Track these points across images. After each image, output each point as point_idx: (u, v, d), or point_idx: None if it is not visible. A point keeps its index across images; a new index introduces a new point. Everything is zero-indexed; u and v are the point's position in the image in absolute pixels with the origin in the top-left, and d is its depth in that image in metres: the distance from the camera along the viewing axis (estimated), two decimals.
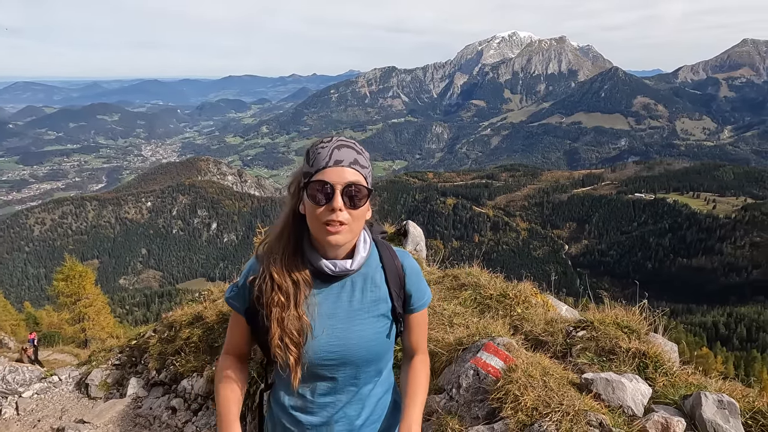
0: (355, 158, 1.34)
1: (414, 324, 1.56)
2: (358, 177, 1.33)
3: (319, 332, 1.41)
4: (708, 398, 2.10)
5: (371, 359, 1.46)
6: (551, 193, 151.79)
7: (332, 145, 1.34)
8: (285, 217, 1.46)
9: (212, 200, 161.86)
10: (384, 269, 1.49)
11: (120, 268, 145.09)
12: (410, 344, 1.58)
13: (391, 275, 1.49)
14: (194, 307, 6.92)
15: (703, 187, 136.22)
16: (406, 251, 1.57)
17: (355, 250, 1.43)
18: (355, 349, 1.43)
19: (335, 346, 1.42)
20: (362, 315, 1.45)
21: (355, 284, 1.46)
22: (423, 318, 1.58)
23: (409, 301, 1.52)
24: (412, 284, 1.52)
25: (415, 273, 1.53)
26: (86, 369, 7.49)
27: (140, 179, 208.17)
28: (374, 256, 1.51)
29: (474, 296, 3.82)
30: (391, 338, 1.51)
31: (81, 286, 19.75)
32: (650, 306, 3.20)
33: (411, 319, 1.55)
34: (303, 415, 1.48)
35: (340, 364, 1.44)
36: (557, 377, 2.36)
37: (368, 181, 1.37)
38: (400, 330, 1.55)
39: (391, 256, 1.52)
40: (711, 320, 60.36)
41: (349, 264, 1.41)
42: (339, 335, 1.42)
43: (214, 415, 5.05)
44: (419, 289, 1.53)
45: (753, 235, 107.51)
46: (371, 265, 1.49)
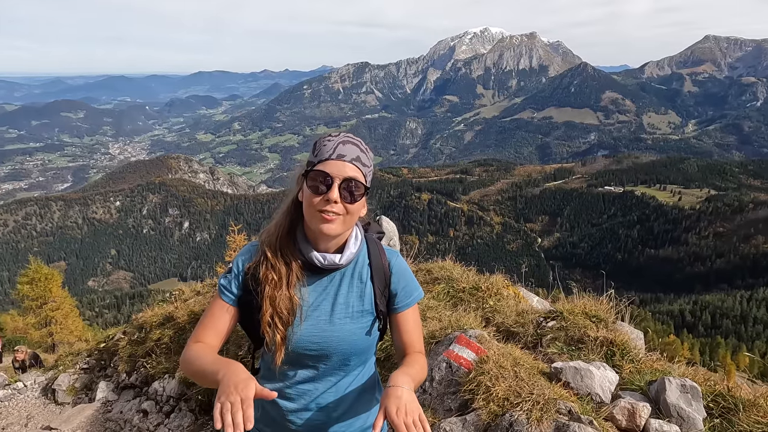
0: (358, 155, 1.37)
1: (402, 323, 1.55)
2: (358, 173, 1.37)
3: (304, 325, 1.45)
4: (672, 383, 2.16)
5: (352, 353, 1.49)
6: (524, 187, 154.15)
7: (338, 139, 1.38)
8: (286, 204, 1.50)
9: (184, 199, 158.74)
10: (371, 266, 1.52)
11: (88, 270, 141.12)
12: (402, 344, 1.56)
13: (377, 273, 1.51)
14: (165, 308, 6.79)
15: (669, 180, 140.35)
16: (396, 251, 1.60)
17: (346, 245, 1.46)
18: (336, 342, 1.46)
19: (317, 338, 1.46)
20: (346, 310, 1.48)
21: (343, 279, 1.49)
22: (412, 317, 1.57)
23: (394, 300, 1.54)
24: (397, 283, 1.54)
25: (401, 272, 1.55)
26: (53, 374, 7.27)
27: (108, 178, 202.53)
28: (363, 253, 1.53)
29: (447, 290, 3.84)
30: (373, 335, 1.53)
31: (47, 289, 19.12)
32: (617, 295, 3.28)
33: (399, 318, 1.55)
34: (282, 401, 1.53)
35: (320, 356, 1.47)
36: (528, 367, 2.39)
37: (368, 179, 1.41)
38: (380, 327, 1.55)
39: (379, 254, 1.54)
40: (678, 308, 62.42)
41: (338, 258, 1.44)
42: (322, 327, 1.46)
43: (187, 417, 4.97)
44: (405, 288, 1.55)
45: (716, 225, 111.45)
46: (359, 262, 1.52)
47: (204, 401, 4.84)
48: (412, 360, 1.51)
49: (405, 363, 1.49)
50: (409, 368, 1.44)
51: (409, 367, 1.46)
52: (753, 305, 59.93)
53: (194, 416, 4.96)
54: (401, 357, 1.56)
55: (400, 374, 1.38)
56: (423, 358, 1.55)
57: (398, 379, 1.36)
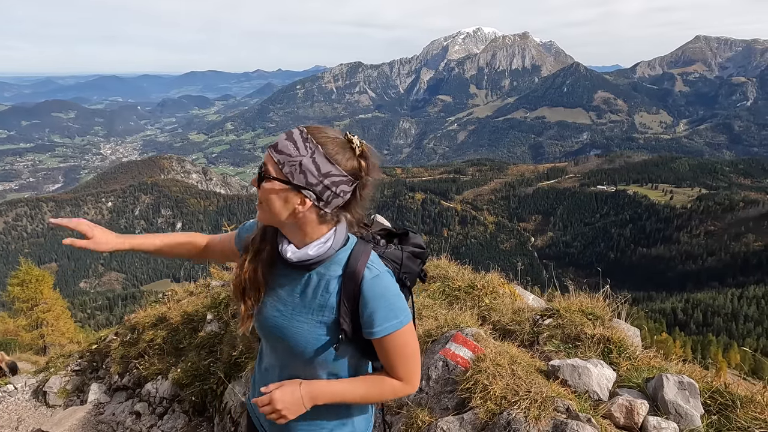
0: (276, 142, 1.34)
1: (378, 349, 1.42)
2: (269, 160, 1.34)
3: (268, 311, 1.46)
4: (669, 380, 2.16)
5: (308, 361, 1.44)
6: (517, 186, 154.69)
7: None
8: None
9: (176, 199, 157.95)
10: (343, 278, 1.39)
11: (80, 271, 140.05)
12: (383, 365, 1.46)
13: (347, 288, 1.38)
14: (158, 309, 6.73)
15: (661, 179, 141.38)
16: (382, 272, 1.40)
17: (309, 244, 1.40)
18: (291, 341, 1.43)
19: (274, 329, 1.46)
20: (306, 314, 1.41)
21: (310, 282, 1.43)
22: (388, 347, 1.40)
23: (362, 323, 1.39)
24: (365, 306, 1.37)
25: (373, 296, 1.36)
26: (44, 376, 7.19)
27: (100, 179, 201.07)
28: (339, 261, 1.41)
29: (442, 288, 3.83)
30: (334, 350, 1.42)
31: (38, 291, 18.96)
32: (613, 293, 3.28)
33: (374, 343, 1.41)
34: (258, 369, 1.60)
35: (278, 345, 1.49)
36: (525, 365, 2.38)
37: (284, 168, 1.31)
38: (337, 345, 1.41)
39: (356, 271, 1.38)
40: (670, 306, 62.84)
41: (289, 253, 1.40)
42: (281, 322, 1.44)
43: (180, 418, 4.93)
44: (372, 315, 1.36)
45: (707, 224, 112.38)
46: (331, 270, 1.41)
47: (198, 402, 4.80)
48: (371, 378, 1.46)
49: (355, 378, 1.46)
50: (341, 385, 1.41)
51: (346, 383, 1.42)
52: (744, 303, 60.49)
53: (188, 417, 4.91)
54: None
55: (319, 384, 1.38)
56: (389, 382, 1.44)
57: (311, 384, 1.37)
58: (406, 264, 1.51)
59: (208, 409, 4.73)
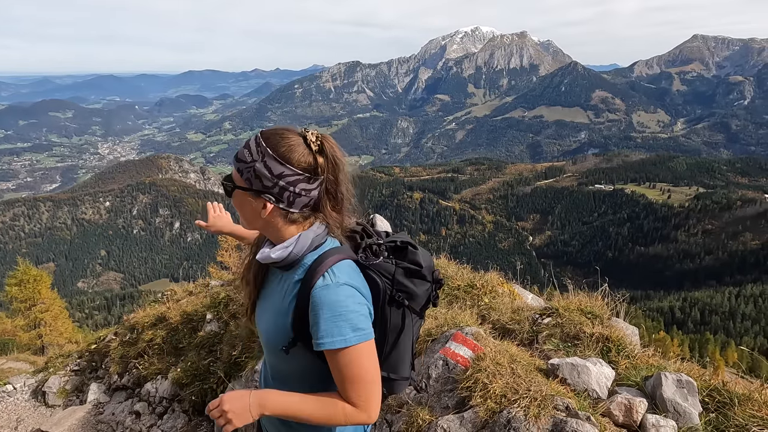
0: (236, 153, 1.37)
1: (329, 363, 1.33)
2: (233, 171, 1.40)
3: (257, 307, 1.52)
4: (668, 378, 2.17)
5: (274, 363, 1.47)
6: (515, 185, 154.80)
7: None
8: None
9: (174, 199, 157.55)
10: (300, 284, 1.35)
11: (78, 271, 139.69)
12: (337, 387, 1.36)
13: (301, 295, 1.34)
14: (157, 308, 6.74)
15: (659, 178, 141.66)
16: (337, 283, 1.31)
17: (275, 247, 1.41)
18: (263, 339, 1.46)
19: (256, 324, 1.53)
20: (273, 315, 1.42)
21: (280, 283, 1.43)
22: (335, 362, 1.31)
23: (312, 334, 1.32)
24: (311, 318, 1.31)
25: (319, 306, 1.29)
26: (43, 376, 7.19)
27: (97, 178, 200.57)
28: (303, 267, 1.38)
29: (442, 287, 3.84)
30: (292, 356, 1.38)
31: (36, 291, 18.92)
32: (611, 292, 3.30)
33: (325, 355, 1.33)
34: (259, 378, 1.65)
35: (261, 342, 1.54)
36: (525, 364, 2.40)
37: (243, 175, 1.35)
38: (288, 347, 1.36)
39: (311, 278, 1.33)
40: (667, 305, 62.95)
41: (259, 254, 1.43)
42: (259, 317, 1.49)
43: (180, 418, 4.93)
44: (315, 324, 1.29)
45: (705, 222, 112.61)
46: (295, 275, 1.38)
47: (197, 402, 4.81)
48: (325, 397, 1.35)
49: (309, 395, 1.35)
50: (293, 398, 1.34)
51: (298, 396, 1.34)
52: (741, 301, 60.64)
53: (188, 417, 4.92)
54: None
55: (270, 393, 1.33)
56: (339, 406, 1.33)
57: (263, 393, 1.32)
58: (399, 281, 1.41)
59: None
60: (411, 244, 1.46)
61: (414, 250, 1.45)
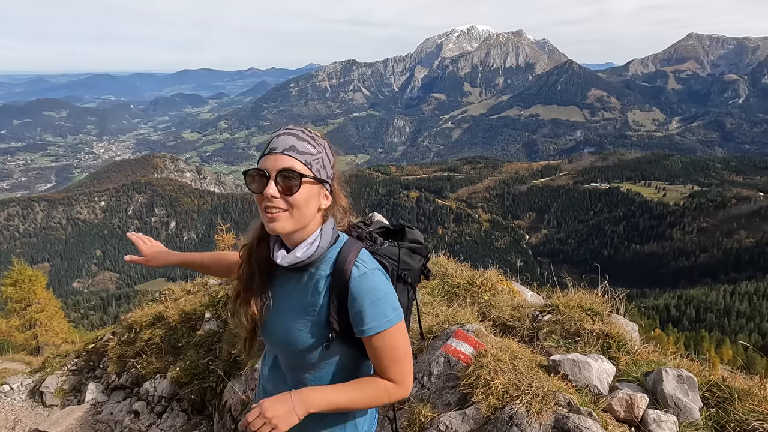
0: (292, 144, 1.30)
1: (369, 349, 1.39)
2: (293, 163, 1.29)
3: (267, 318, 1.46)
4: (669, 374, 2.19)
5: (301, 363, 1.44)
6: (511, 184, 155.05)
7: (277, 133, 1.34)
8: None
9: (170, 198, 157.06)
10: (332, 277, 1.38)
11: (73, 271, 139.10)
12: (374, 367, 1.43)
13: (336, 286, 1.37)
14: (155, 308, 6.72)
15: (654, 176, 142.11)
16: (373, 269, 1.39)
17: (298, 246, 1.38)
18: (287, 344, 1.43)
19: (273, 336, 1.46)
20: (296, 314, 1.41)
21: (301, 282, 1.42)
22: (378, 346, 1.37)
23: (353, 323, 1.38)
24: (353, 304, 1.35)
25: (361, 293, 1.34)
26: (40, 376, 7.16)
27: (92, 178, 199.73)
28: (328, 260, 1.40)
29: (442, 285, 3.85)
30: (325, 349, 1.40)
31: (31, 291, 18.81)
32: (611, 289, 3.31)
33: (365, 343, 1.39)
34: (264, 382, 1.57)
35: (277, 351, 1.50)
36: (526, 360, 2.40)
37: (312, 168, 1.32)
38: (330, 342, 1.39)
39: (344, 269, 1.36)
40: (663, 303, 63.18)
41: (279, 258, 1.39)
42: (277, 326, 1.44)
43: (179, 417, 4.92)
44: (360, 312, 1.35)
45: (700, 221, 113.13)
46: (321, 269, 1.40)
47: (197, 401, 4.80)
48: (364, 381, 1.42)
49: (348, 383, 1.41)
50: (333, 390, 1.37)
51: (338, 388, 1.38)
52: (736, 299, 60.91)
53: (187, 416, 4.91)
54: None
55: (311, 391, 1.34)
56: (382, 384, 1.40)
57: (302, 392, 1.33)
58: (404, 260, 1.49)
59: (208, 407, 4.72)
60: (407, 226, 1.58)
61: (411, 229, 1.58)
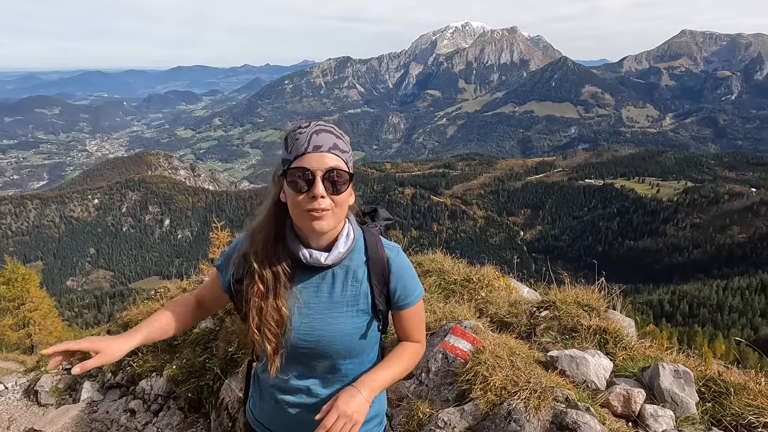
0: (335, 143, 1.30)
1: (405, 320, 1.51)
2: (339, 162, 1.29)
3: (296, 323, 1.40)
4: (665, 369, 2.21)
5: (348, 354, 1.44)
6: (506, 181, 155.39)
7: (311, 129, 1.30)
8: (267, 207, 1.42)
9: (164, 196, 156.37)
10: (368, 264, 1.43)
11: (67, 270, 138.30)
12: (401, 335, 1.55)
13: (375, 271, 1.43)
14: (150, 306, 6.70)
15: (648, 172, 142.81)
16: (398, 246, 1.49)
17: (336, 243, 1.38)
18: (330, 342, 1.40)
19: (311, 337, 1.40)
20: (341, 309, 1.41)
21: (336, 277, 1.42)
22: (414, 314, 1.52)
23: (394, 299, 1.46)
24: (397, 281, 1.44)
25: (402, 270, 1.45)
26: (35, 375, 7.12)
27: (86, 176, 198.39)
28: (359, 249, 1.45)
29: (438, 282, 3.85)
30: (371, 335, 1.46)
31: (24, 290, 18.72)
32: (607, 285, 3.32)
33: (401, 315, 1.50)
34: (280, 393, 1.50)
35: (315, 355, 1.43)
36: (524, 356, 2.41)
37: (349, 165, 1.33)
38: (380, 327, 1.48)
39: (378, 251, 1.44)
40: (657, 298, 63.61)
41: (324, 257, 1.37)
42: (315, 326, 1.40)
43: (176, 415, 4.91)
44: (405, 286, 1.46)
45: (693, 216, 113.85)
46: (355, 259, 1.43)
47: (194, 399, 4.79)
48: (399, 351, 1.50)
49: (387, 358, 1.48)
50: (384, 369, 1.42)
51: (386, 366, 1.44)
52: (728, 294, 61.36)
53: (183, 414, 4.90)
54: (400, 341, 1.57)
55: (368, 377, 1.37)
56: (414, 347, 1.53)
57: (362, 381, 1.35)
58: (385, 236, 1.61)
59: (204, 405, 4.72)
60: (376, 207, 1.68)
61: (381, 209, 1.68)
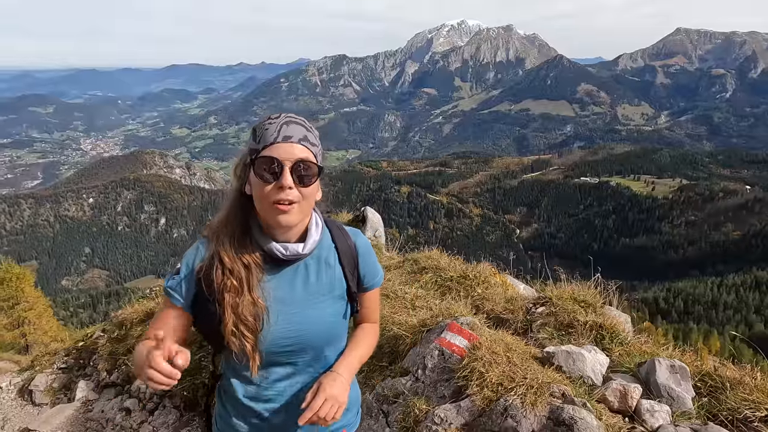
0: (305, 134, 1.27)
1: (368, 301, 1.53)
2: (308, 154, 1.26)
3: (274, 319, 1.34)
4: (661, 364, 2.23)
5: (330, 342, 1.44)
6: (502, 179, 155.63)
7: (281, 121, 1.27)
8: (231, 200, 1.37)
9: (159, 195, 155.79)
10: (337, 249, 1.44)
11: (62, 269, 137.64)
12: (363, 316, 1.56)
13: (345, 255, 1.44)
14: (146, 304, 6.67)
15: (643, 170, 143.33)
16: (357, 230, 1.53)
17: (308, 232, 1.37)
18: (313, 333, 1.38)
19: (292, 332, 1.36)
20: (319, 298, 1.40)
21: (308, 267, 1.40)
22: (376, 295, 1.57)
23: (363, 280, 1.49)
24: (365, 263, 1.48)
25: (367, 252, 1.50)
26: (29, 375, 7.07)
27: (80, 175, 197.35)
28: (326, 237, 1.45)
29: (435, 279, 3.85)
30: (347, 318, 1.49)
31: (19, 289, 18.60)
32: (603, 281, 3.32)
33: (365, 297, 1.52)
34: (257, 404, 1.42)
35: (298, 350, 1.39)
36: (520, 352, 2.41)
37: (318, 159, 1.30)
38: (356, 309, 1.50)
39: (343, 236, 1.47)
40: (652, 296, 63.76)
41: (301, 247, 1.34)
42: (296, 320, 1.36)
43: (171, 414, 4.89)
44: (373, 267, 1.51)
45: (688, 214, 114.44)
46: (324, 247, 1.44)
47: (189, 397, 4.77)
48: (363, 333, 1.53)
49: (354, 340, 1.50)
50: (355, 350, 1.46)
51: (355, 347, 1.47)
52: (723, 291, 61.63)
53: (179, 413, 4.88)
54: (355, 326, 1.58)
55: (344, 360, 1.41)
56: (374, 328, 1.59)
57: (340, 364, 1.39)
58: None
59: (200, 403, 4.70)
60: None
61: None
